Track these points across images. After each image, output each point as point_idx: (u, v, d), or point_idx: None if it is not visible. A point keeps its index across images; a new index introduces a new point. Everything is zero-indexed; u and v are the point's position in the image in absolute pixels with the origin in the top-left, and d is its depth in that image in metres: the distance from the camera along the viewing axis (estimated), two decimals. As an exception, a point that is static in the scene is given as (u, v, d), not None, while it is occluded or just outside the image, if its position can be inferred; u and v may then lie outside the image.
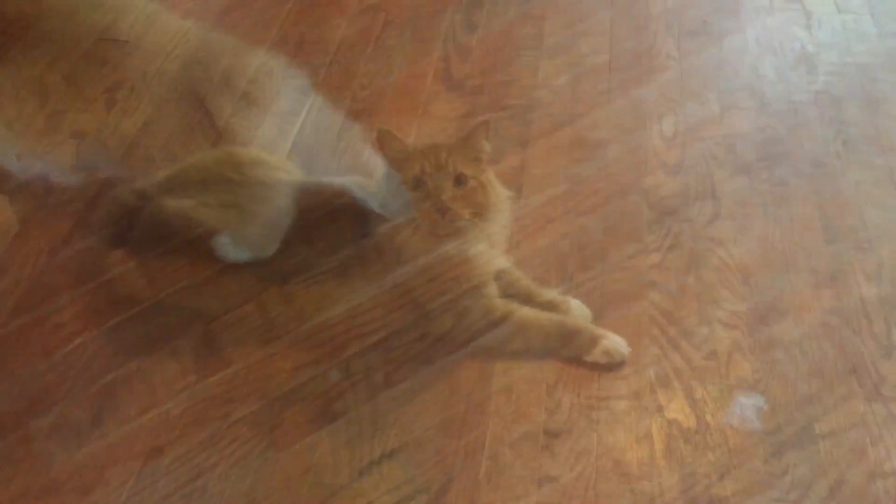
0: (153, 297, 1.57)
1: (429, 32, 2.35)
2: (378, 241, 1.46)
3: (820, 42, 2.33)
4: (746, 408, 1.44)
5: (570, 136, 2.01)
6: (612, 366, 1.50)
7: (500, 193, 1.49)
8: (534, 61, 2.24)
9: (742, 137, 2.01)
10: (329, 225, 1.51)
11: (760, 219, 1.80)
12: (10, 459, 1.36)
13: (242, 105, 2.07)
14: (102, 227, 1.63)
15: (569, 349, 1.51)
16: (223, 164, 1.62)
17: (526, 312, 1.53)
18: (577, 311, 1.58)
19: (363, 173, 1.79)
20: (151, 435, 1.39)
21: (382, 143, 1.45)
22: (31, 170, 1.85)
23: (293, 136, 1.98)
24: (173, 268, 1.61)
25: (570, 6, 2.46)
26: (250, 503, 1.32)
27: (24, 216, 1.70)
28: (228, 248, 1.57)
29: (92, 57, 2.21)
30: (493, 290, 1.53)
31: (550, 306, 1.57)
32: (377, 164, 1.60)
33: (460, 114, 2.06)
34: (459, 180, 1.40)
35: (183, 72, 2.17)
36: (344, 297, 1.53)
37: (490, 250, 1.51)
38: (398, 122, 2.02)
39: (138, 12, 2.38)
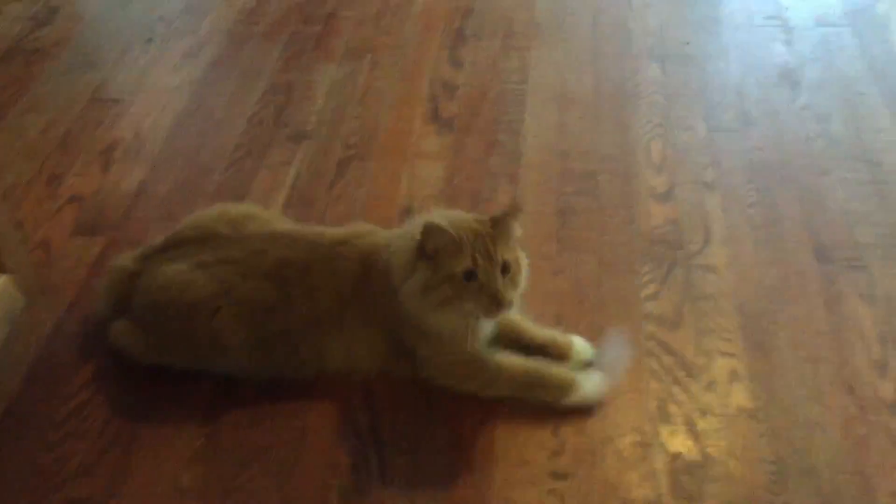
0: (158, 362, 1.59)
1: (415, 71, 2.38)
2: (414, 326, 1.49)
3: (802, 57, 2.36)
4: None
5: (560, 169, 2.03)
6: (595, 406, 1.51)
7: (524, 261, 1.52)
8: (520, 95, 2.26)
9: (729, 160, 2.04)
10: (330, 275, 1.54)
11: (751, 243, 1.82)
12: (28, 534, 1.38)
13: (236, 157, 2.10)
14: (104, 295, 1.65)
15: (545, 396, 1.53)
16: (217, 221, 1.65)
17: (503, 361, 1.54)
18: (579, 347, 1.60)
19: (360, 219, 1.82)
20: None
21: (431, 237, 1.42)
22: (32, 238, 1.89)
23: (288, 187, 2.01)
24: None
25: (553, 37, 2.49)
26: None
27: (28, 288, 1.72)
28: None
29: (86, 118, 2.25)
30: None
31: (553, 345, 1.59)
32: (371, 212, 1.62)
33: (450, 153, 2.09)
34: (505, 268, 1.44)
35: (176, 127, 2.20)
36: (343, 347, 1.56)
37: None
38: (389, 166, 2.05)
39: (129, 70, 2.42)
